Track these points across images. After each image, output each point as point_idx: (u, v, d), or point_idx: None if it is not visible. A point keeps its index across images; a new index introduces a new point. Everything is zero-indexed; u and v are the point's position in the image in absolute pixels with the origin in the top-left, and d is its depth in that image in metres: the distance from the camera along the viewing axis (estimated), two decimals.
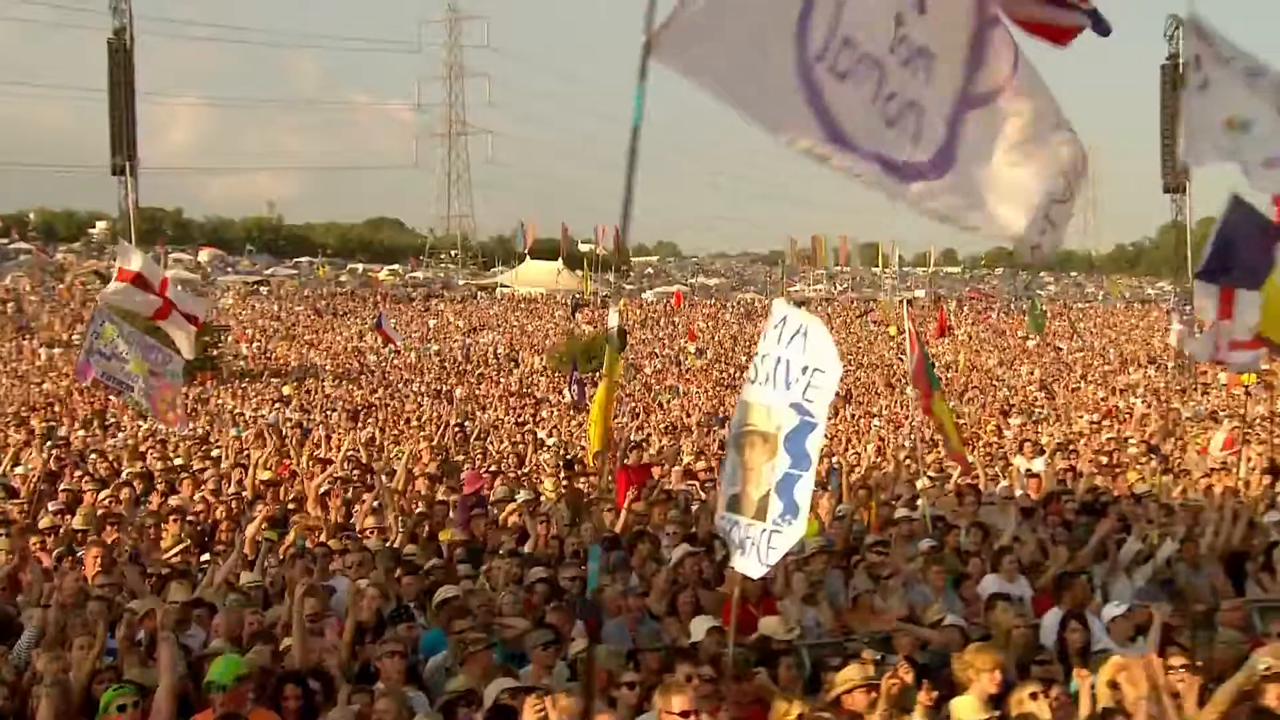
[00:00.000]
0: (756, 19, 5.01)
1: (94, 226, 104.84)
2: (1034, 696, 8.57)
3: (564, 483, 21.11)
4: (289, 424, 38.68)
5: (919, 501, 17.02)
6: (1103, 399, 42.72)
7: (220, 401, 46.35)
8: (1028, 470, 20.93)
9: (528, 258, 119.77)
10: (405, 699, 9.10)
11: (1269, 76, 11.96)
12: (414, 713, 8.93)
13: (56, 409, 42.94)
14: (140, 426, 33.12)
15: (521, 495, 18.16)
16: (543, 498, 18.98)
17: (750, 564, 8.46)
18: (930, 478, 19.74)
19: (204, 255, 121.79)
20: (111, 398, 35.39)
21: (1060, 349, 69.30)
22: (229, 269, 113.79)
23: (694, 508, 17.93)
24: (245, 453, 27.36)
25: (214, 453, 29.28)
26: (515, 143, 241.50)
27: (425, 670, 10.39)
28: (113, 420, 37.93)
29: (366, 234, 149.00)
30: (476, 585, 12.53)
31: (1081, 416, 39.49)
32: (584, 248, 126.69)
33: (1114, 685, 8.72)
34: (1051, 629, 10.82)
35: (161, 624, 10.15)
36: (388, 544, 15.32)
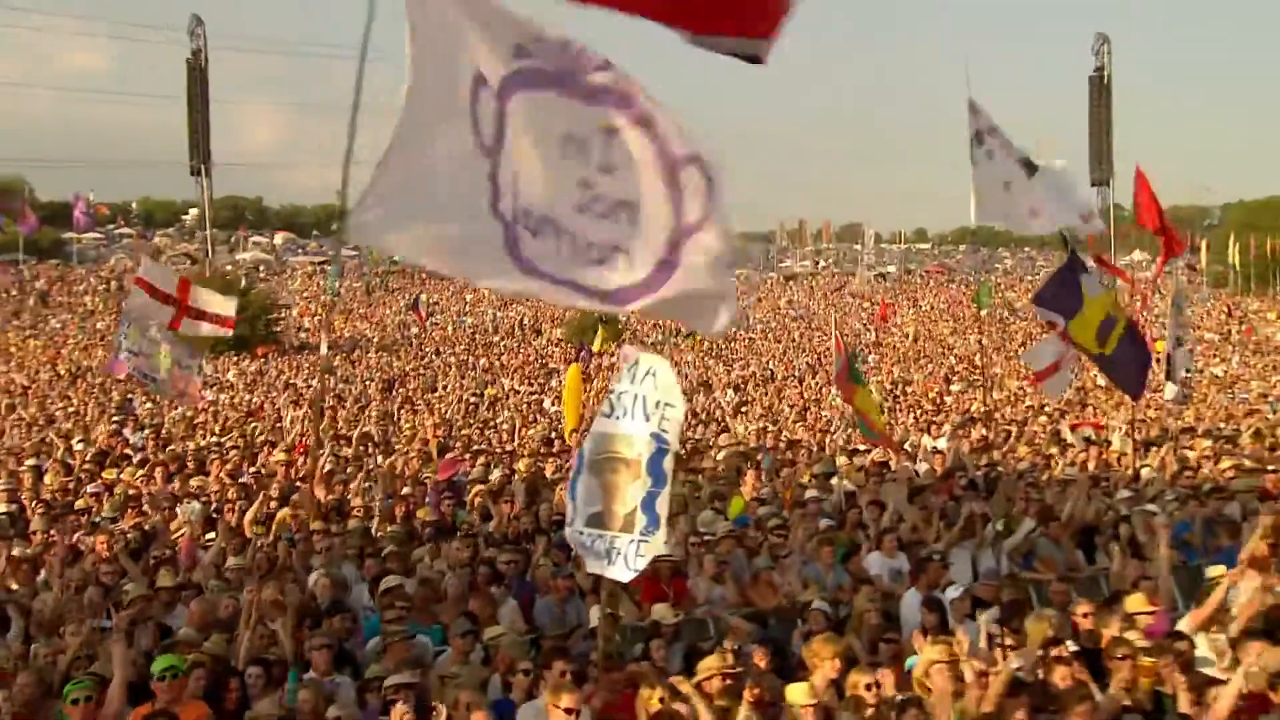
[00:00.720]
0: (452, 202, 5.31)
1: (186, 214, 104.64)
2: (869, 686, 8.59)
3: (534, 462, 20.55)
4: (332, 394, 37.44)
5: (833, 480, 17.05)
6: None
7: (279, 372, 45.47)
8: (934, 448, 20.91)
9: None
10: (324, 688, 9.04)
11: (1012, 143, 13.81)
12: (331, 700, 8.86)
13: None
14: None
15: (495, 475, 18.00)
16: (516, 477, 18.34)
17: (619, 570, 8.35)
18: (851, 454, 19.79)
19: (279, 238, 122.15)
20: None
21: (1006, 319, 67.56)
22: (299, 250, 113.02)
23: None
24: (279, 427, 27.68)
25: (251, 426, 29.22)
26: None
27: (362, 656, 10.29)
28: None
29: None
30: (433, 567, 12.45)
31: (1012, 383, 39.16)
32: None
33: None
34: (912, 608, 10.89)
35: (116, 625, 9.94)
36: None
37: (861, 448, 21.23)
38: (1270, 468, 18.48)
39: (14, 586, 12.29)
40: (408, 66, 5.37)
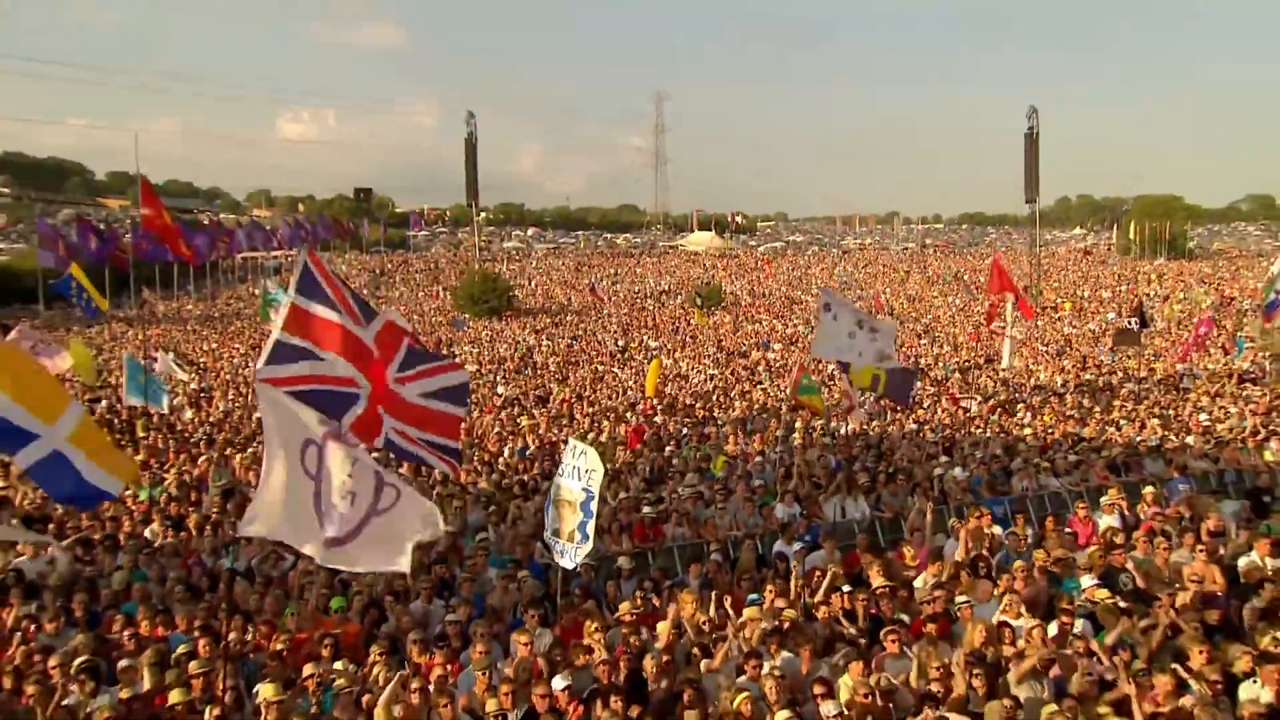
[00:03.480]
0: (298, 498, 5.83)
1: (479, 215, 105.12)
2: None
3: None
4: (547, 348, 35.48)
5: (790, 439, 16.26)
6: (975, 327, 37.33)
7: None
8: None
9: (696, 229, 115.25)
10: (418, 612, 8.98)
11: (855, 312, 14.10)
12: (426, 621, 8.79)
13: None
14: None
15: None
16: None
17: (565, 561, 8.71)
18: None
19: (530, 231, 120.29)
20: None
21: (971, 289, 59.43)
22: (542, 239, 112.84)
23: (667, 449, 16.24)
24: None
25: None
26: (689, 164, 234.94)
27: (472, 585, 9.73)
28: None
29: (616, 215, 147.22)
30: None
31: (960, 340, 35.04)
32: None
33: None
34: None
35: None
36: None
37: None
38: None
39: None
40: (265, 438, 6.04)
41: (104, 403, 20.94)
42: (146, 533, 11.74)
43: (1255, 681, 6.74)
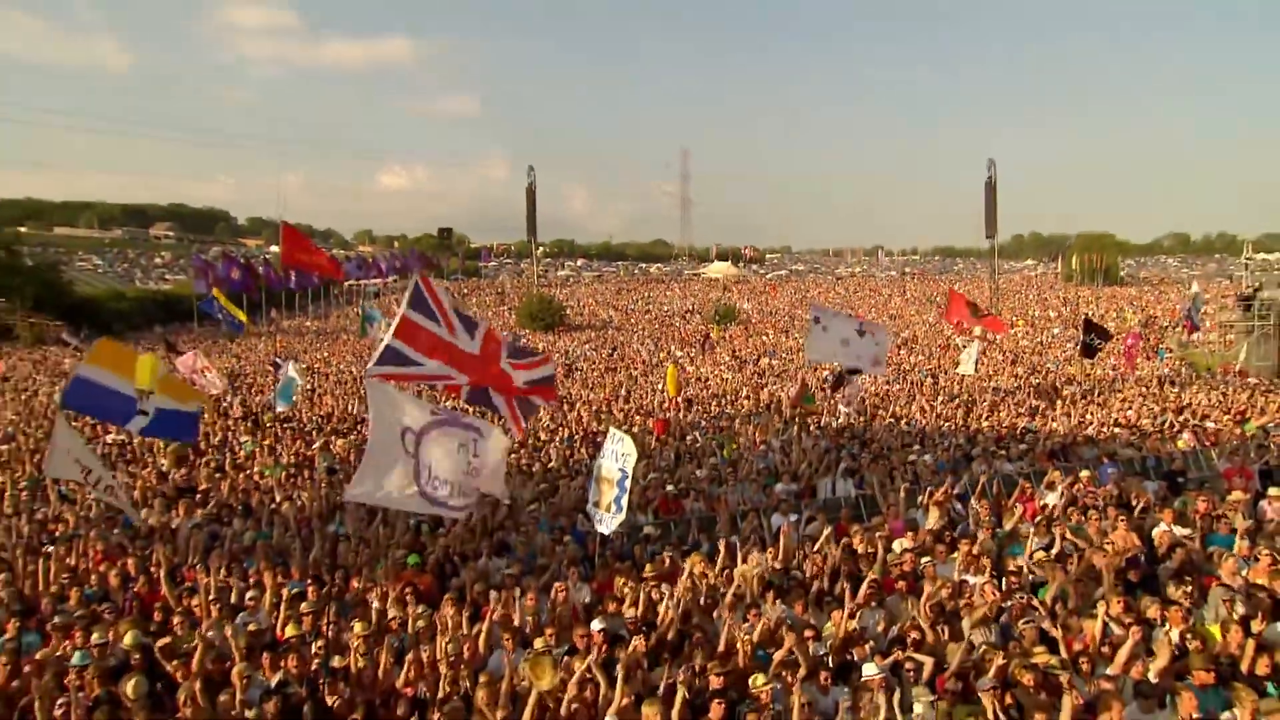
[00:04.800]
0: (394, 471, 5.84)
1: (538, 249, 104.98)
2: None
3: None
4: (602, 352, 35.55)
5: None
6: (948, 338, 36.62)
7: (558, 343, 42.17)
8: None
9: (715, 259, 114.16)
10: (481, 569, 8.84)
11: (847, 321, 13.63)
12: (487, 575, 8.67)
13: None
14: None
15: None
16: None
17: (604, 528, 8.68)
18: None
19: (579, 262, 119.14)
20: None
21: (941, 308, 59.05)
22: (588, 268, 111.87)
23: (689, 436, 16.17)
24: None
25: None
26: (709, 206, 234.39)
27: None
28: None
29: (649, 249, 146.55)
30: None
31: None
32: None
33: None
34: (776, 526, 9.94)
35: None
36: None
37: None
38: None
39: None
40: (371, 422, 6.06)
41: (238, 398, 21.28)
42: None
43: (1165, 625, 6.65)
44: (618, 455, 8.55)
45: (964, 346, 23.44)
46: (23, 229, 75.10)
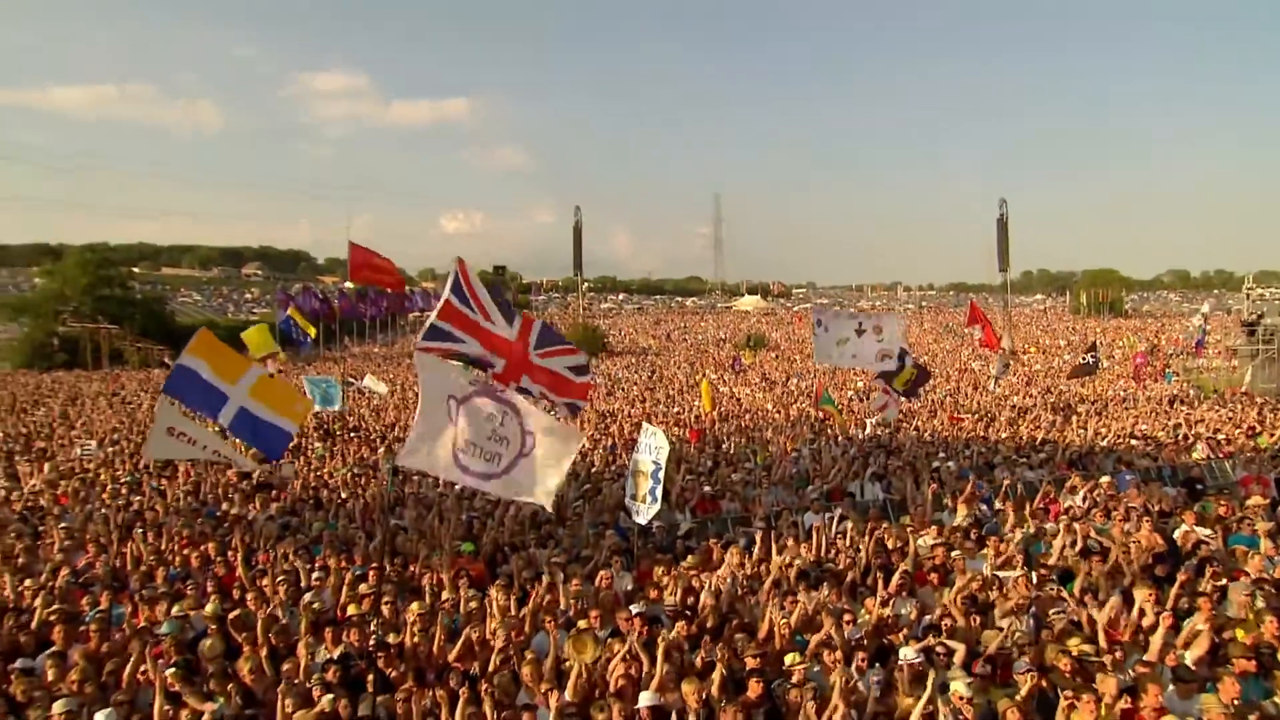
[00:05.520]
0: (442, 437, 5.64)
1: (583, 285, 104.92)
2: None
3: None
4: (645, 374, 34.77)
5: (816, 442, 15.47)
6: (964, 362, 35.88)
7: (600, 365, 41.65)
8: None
9: (746, 294, 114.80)
10: (529, 557, 8.60)
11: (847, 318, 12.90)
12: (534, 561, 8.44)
13: None
14: None
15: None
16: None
17: (640, 518, 8.43)
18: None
19: (620, 297, 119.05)
20: None
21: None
22: (630, 302, 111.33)
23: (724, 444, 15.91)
24: None
25: None
26: (741, 246, 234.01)
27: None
28: None
29: (685, 284, 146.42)
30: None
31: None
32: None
33: None
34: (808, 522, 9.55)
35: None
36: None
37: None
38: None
39: None
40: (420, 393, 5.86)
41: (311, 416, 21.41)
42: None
43: (1194, 617, 6.17)
44: (651, 449, 8.31)
45: (992, 364, 22.74)
46: (135, 269, 77.96)
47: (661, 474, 8.18)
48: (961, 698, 5.00)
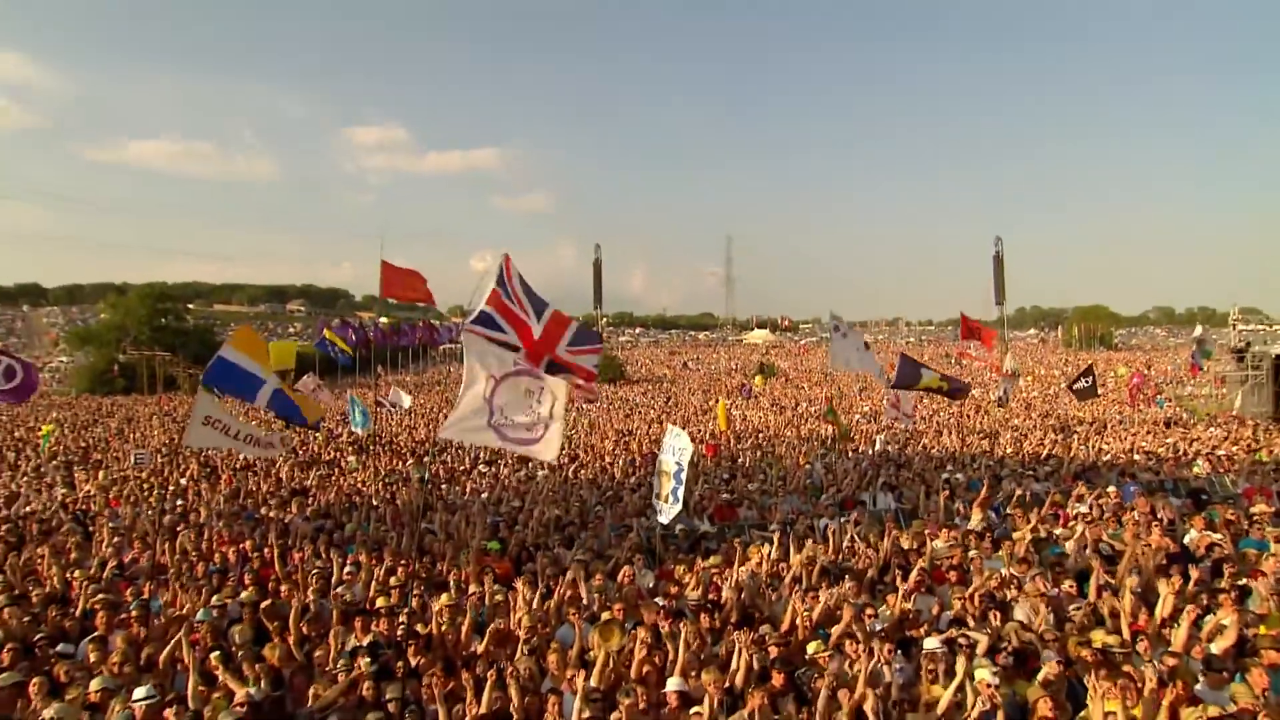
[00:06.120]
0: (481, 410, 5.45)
1: (603, 319, 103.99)
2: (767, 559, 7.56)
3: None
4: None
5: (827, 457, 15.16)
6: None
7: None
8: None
9: (755, 328, 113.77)
10: (556, 556, 8.32)
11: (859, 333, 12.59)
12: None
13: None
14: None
15: None
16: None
17: (663, 517, 8.05)
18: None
19: (638, 330, 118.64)
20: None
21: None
22: (646, 335, 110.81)
23: (738, 459, 15.65)
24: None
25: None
26: (751, 283, 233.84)
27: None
28: None
29: (698, 320, 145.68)
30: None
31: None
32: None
33: None
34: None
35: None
36: None
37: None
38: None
39: None
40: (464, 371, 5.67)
41: (348, 428, 21.27)
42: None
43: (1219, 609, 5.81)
44: (675, 450, 7.97)
45: (992, 391, 22.29)
46: (190, 305, 79.39)
47: (684, 475, 7.85)
48: (989, 685, 4.64)
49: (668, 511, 7.99)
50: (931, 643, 5.30)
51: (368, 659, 5.43)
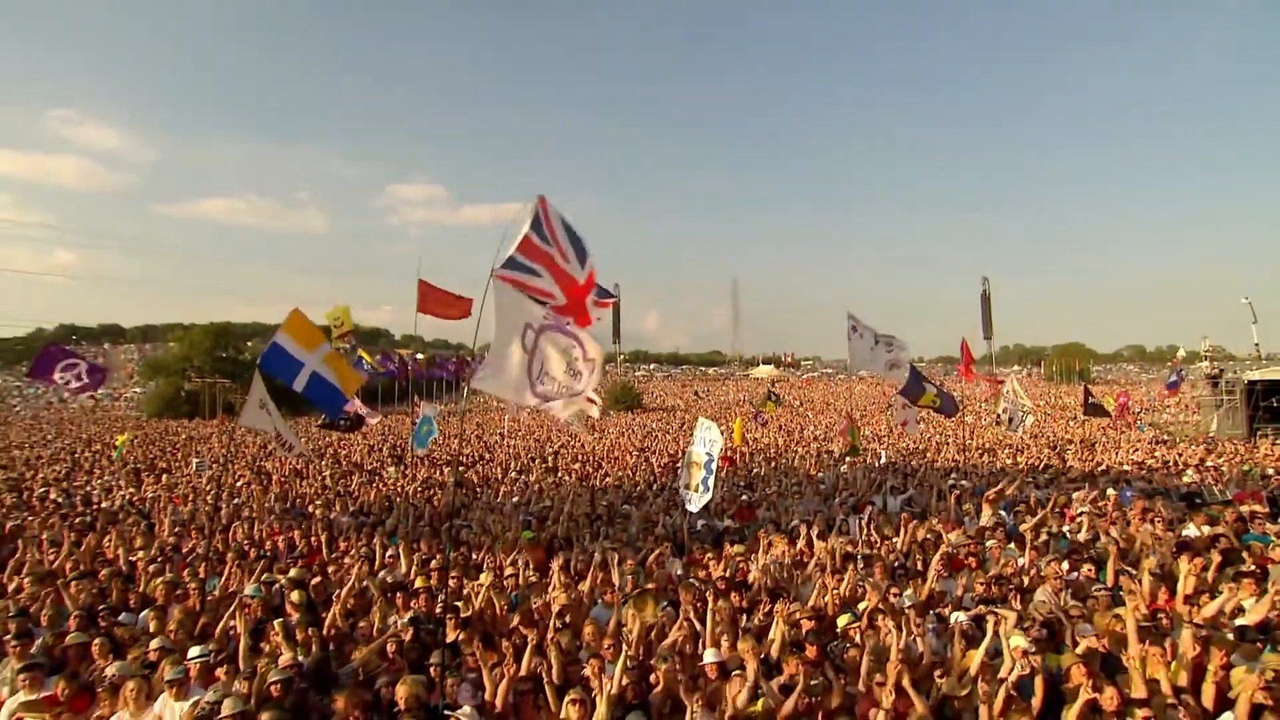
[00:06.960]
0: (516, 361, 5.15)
1: (621, 356, 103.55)
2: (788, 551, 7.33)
3: None
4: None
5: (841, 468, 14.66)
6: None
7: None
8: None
9: (761, 364, 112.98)
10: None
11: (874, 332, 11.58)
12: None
13: None
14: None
15: None
16: None
17: (693, 506, 7.70)
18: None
19: (652, 366, 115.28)
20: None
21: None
22: (659, 372, 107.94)
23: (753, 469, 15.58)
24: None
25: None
26: (756, 323, 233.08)
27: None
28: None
29: (708, 357, 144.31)
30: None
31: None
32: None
33: None
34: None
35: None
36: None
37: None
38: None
39: None
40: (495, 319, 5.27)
41: (388, 443, 21.20)
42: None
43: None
44: (704, 440, 7.68)
45: (984, 416, 21.78)
46: (249, 342, 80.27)
47: (714, 464, 7.51)
48: (1024, 652, 4.26)
49: (698, 500, 7.65)
50: (960, 616, 4.93)
51: (407, 625, 5.15)
